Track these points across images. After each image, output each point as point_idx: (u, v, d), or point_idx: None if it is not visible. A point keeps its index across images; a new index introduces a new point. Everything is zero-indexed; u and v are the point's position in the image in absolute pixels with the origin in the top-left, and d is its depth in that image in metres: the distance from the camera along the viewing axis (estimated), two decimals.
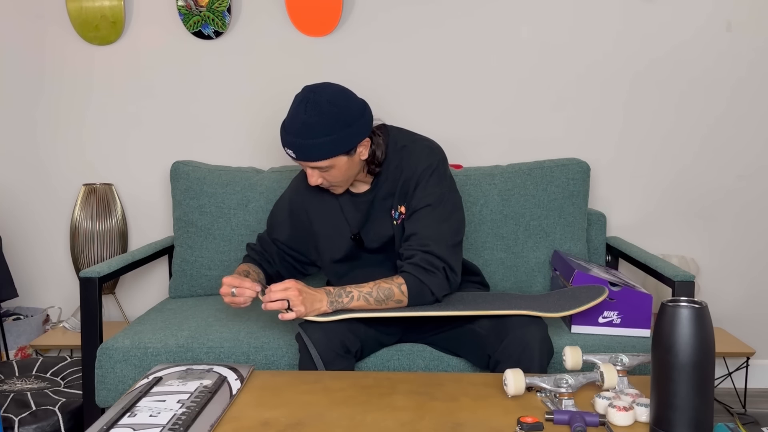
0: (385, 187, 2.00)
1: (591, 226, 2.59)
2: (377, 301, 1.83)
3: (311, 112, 1.84)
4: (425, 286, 1.86)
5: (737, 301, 2.82)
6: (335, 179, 1.93)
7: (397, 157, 1.99)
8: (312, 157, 1.86)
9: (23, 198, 2.86)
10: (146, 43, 2.78)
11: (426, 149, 1.99)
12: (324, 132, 1.83)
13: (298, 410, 1.45)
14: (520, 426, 1.33)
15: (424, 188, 1.94)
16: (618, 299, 2.08)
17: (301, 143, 1.84)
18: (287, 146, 1.88)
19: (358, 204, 2.03)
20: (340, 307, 1.83)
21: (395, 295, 1.84)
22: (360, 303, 1.83)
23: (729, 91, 2.75)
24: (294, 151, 1.87)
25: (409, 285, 1.85)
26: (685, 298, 1.28)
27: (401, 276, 1.87)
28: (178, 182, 2.55)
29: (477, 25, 2.75)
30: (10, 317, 2.76)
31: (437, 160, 1.97)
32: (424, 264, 1.86)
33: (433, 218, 1.91)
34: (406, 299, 1.86)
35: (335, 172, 1.90)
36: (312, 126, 1.83)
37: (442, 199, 1.94)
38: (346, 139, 1.86)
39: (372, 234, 2.02)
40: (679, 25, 2.72)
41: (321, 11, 2.69)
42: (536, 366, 1.75)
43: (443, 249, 1.89)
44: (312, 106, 1.84)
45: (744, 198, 2.78)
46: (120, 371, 2.03)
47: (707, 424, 1.25)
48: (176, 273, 2.53)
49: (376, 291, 1.84)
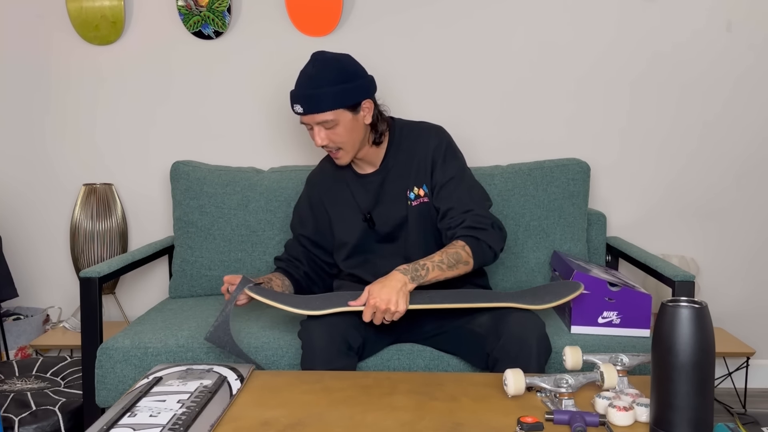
0: (396, 170, 2.07)
1: (591, 226, 2.59)
2: (449, 267, 1.88)
3: (318, 66, 1.97)
4: (483, 242, 1.93)
5: (737, 301, 2.82)
6: (340, 138, 1.99)
7: (405, 140, 2.09)
8: (318, 107, 1.94)
9: (23, 198, 2.86)
10: (146, 43, 2.78)
11: (433, 130, 2.11)
12: (329, 82, 1.94)
13: (298, 410, 1.45)
14: (520, 426, 1.33)
15: (443, 164, 2.04)
16: (618, 299, 2.08)
17: (308, 94, 1.94)
18: (295, 102, 1.97)
19: (366, 185, 2.09)
20: (421, 281, 1.85)
21: (462, 257, 1.90)
22: (436, 273, 1.87)
23: (729, 90, 2.75)
24: (301, 105, 1.95)
25: (471, 245, 1.92)
26: (685, 298, 1.28)
27: (461, 240, 1.93)
28: (178, 182, 2.55)
29: (477, 26, 2.75)
30: (10, 317, 2.76)
31: (447, 139, 2.09)
32: (474, 224, 1.95)
33: (462, 188, 2.02)
34: (472, 259, 1.92)
35: (340, 130, 1.97)
36: (317, 77, 1.96)
37: (462, 170, 2.06)
38: (350, 92, 1.96)
39: (384, 216, 2.07)
40: (679, 25, 2.72)
41: (321, 11, 2.69)
42: (534, 364, 1.76)
43: (483, 209, 2.00)
44: (319, 62, 1.99)
45: (744, 198, 2.78)
46: (120, 371, 2.03)
47: (707, 424, 1.25)
48: (176, 273, 2.53)
49: (446, 257, 1.89)
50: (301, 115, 1.98)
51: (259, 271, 2.49)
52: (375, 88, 2.07)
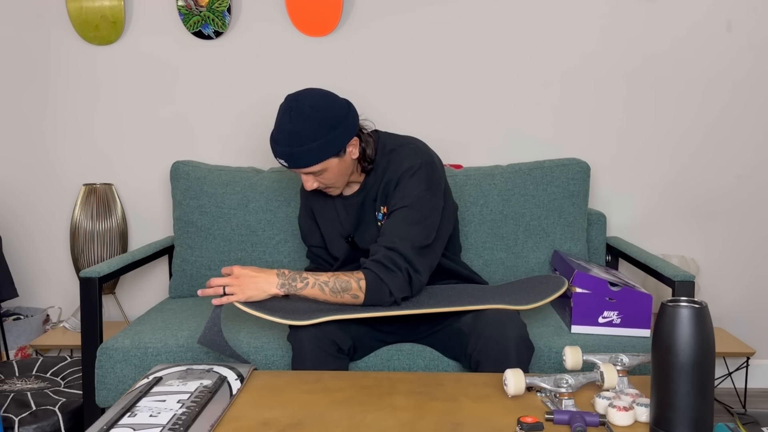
0: (373, 190, 2.01)
1: (591, 226, 2.59)
2: (333, 291, 1.80)
3: (296, 120, 1.85)
4: (384, 285, 1.82)
5: (737, 301, 2.82)
6: (330, 181, 1.94)
7: (385, 159, 1.99)
8: (303, 163, 1.88)
9: (23, 198, 2.86)
10: (146, 43, 2.78)
11: (411, 152, 1.97)
12: (311, 137, 1.85)
13: (298, 410, 1.45)
14: (520, 426, 1.33)
15: (402, 189, 1.93)
16: (618, 299, 2.08)
17: (291, 152, 1.86)
18: (278, 156, 1.90)
19: (348, 206, 2.05)
20: (293, 292, 1.80)
21: (352, 288, 1.81)
22: (314, 291, 1.80)
23: (729, 90, 2.75)
24: (285, 160, 1.89)
25: (368, 281, 1.81)
26: (685, 298, 1.28)
27: (362, 271, 1.84)
28: (178, 182, 2.55)
29: (477, 26, 2.75)
30: (10, 317, 2.76)
31: (420, 163, 1.94)
32: (386, 261, 1.83)
33: (404, 219, 1.89)
34: (363, 295, 1.81)
35: (329, 174, 1.92)
36: (298, 133, 1.85)
37: (419, 201, 1.91)
38: (333, 142, 1.87)
39: (365, 236, 2.03)
40: (679, 24, 2.72)
41: (321, 11, 2.69)
42: (515, 364, 1.74)
43: (408, 249, 1.85)
44: (296, 114, 1.86)
45: (744, 198, 2.78)
46: (120, 371, 2.03)
47: (707, 424, 1.25)
48: (176, 273, 2.53)
49: (333, 281, 1.81)
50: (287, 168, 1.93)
51: None
52: (357, 122, 1.94)
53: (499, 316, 1.82)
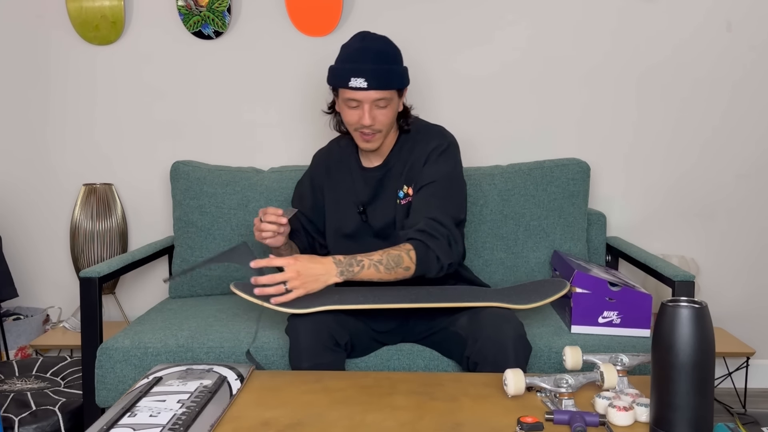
0: (396, 167, 2.05)
1: (591, 226, 2.59)
2: (387, 268, 1.81)
3: (380, 42, 1.94)
4: (431, 251, 1.84)
5: (737, 301, 2.82)
6: (386, 120, 1.96)
7: (412, 138, 2.06)
8: (387, 83, 1.90)
9: (23, 198, 2.86)
10: (146, 43, 2.78)
11: (438, 133, 2.06)
12: (395, 60, 1.94)
13: (298, 410, 1.45)
14: (520, 426, 1.33)
15: (431, 166, 1.98)
16: (618, 299, 2.08)
17: (378, 69, 1.89)
18: (356, 75, 1.87)
19: (368, 178, 2.08)
20: (350, 277, 1.80)
21: (404, 261, 1.82)
22: (370, 272, 1.80)
23: (729, 91, 2.75)
24: (366, 79, 1.87)
25: (417, 251, 1.83)
26: (685, 298, 1.28)
27: (409, 242, 1.85)
28: (178, 182, 2.55)
29: (477, 26, 2.75)
30: (10, 317, 2.76)
31: (447, 142, 2.02)
32: (429, 230, 1.86)
33: (436, 194, 1.94)
34: (414, 266, 1.83)
35: (388, 111, 1.95)
36: (386, 53, 1.92)
37: (449, 177, 1.98)
38: (406, 74, 1.97)
39: (378, 211, 2.05)
40: (680, 25, 2.72)
41: (321, 11, 2.69)
42: (513, 364, 1.73)
43: (447, 219, 1.90)
44: (379, 38, 1.95)
45: (744, 198, 2.78)
46: (120, 371, 2.03)
47: (707, 424, 1.25)
48: (176, 273, 2.53)
49: (386, 258, 1.81)
50: (358, 90, 1.88)
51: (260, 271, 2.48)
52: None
53: (496, 317, 1.82)
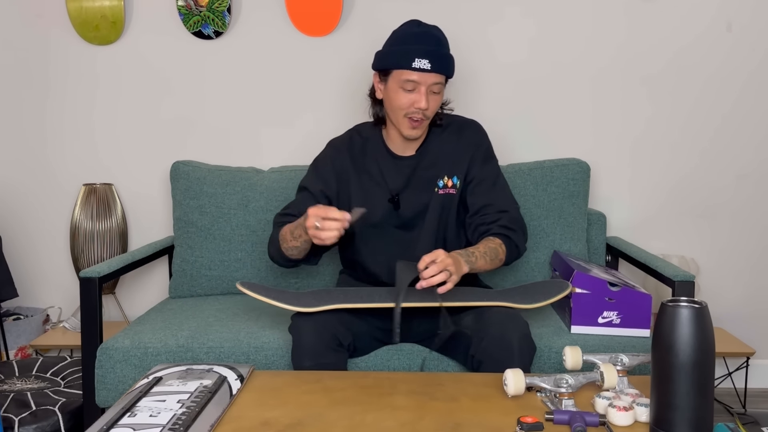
0: (430, 157, 2.08)
1: (591, 226, 2.59)
2: (491, 260, 1.94)
3: (437, 29, 2.01)
4: (513, 242, 2.02)
5: (737, 301, 2.82)
6: (436, 106, 2.01)
7: (446, 129, 2.10)
8: (447, 68, 1.98)
9: (23, 198, 2.86)
10: (146, 43, 2.78)
11: (478, 128, 2.16)
12: (448, 47, 2.01)
13: (298, 410, 1.45)
14: (520, 426, 1.33)
15: (484, 163, 2.10)
16: (618, 299, 2.08)
17: (440, 52, 1.97)
18: (422, 56, 1.93)
19: (401, 167, 2.09)
20: (471, 267, 1.88)
21: (499, 254, 1.97)
22: (482, 262, 1.92)
23: (729, 91, 2.74)
24: (431, 61, 1.94)
25: (505, 244, 1.99)
26: (685, 298, 1.28)
27: (497, 238, 1.99)
28: (178, 182, 2.55)
29: (477, 25, 2.75)
30: (10, 317, 2.76)
31: (487, 138, 2.16)
32: (510, 225, 2.03)
33: (501, 189, 2.10)
34: (504, 257, 2.00)
35: (439, 98, 2.01)
36: (442, 41, 1.99)
37: (499, 173, 2.14)
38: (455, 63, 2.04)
39: (410, 200, 2.06)
40: (680, 26, 2.72)
41: (321, 11, 2.69)
42: (517, 364, 1.74)
43: (516, 211, 2.09)
44: (433, 25, 2.01)
45: (744, 198, 2.78)
46: (120, 371, 2.03)
47: (707, 424, 1.25)
48: (176, 273, 2.53)
49: (490, 251, 1.94)
50: (421, 72, 1.93)
51: (259, 271, 2.49)
52: None
53: (502, 317, 1.83)
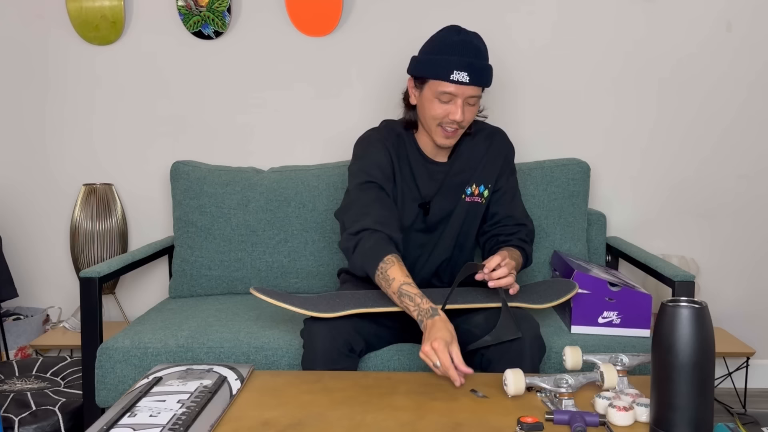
0: (459, 163, 2.08)
1: (591, 226, 2.59)
2: (517, 266, 1.98)
3: (477, 38, 1.95)
4: (527, 254, 2.08)
5: (737, 301, 2.82)
6: (471, 118, 2.00)
7: (477, 136, 2.10)
8: (486, 80, 1.95)
9: (23, 198, 2.86)
10: (146, 43, 2.78)
11: (505, 137, 2.16)
12: (488, 57, 1.97)
13: (298, 410, 1.45)
14: (520, 426, 1.33)
15: (512, 174, 2.15)
16: (618, 299, 2.08)
17: (480, 64, 1.92)
18: (461, 69, 1.89)
19: (434, 173, 2.08)
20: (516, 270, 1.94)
21: (520, 263, 2.04)
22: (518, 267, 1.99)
23: (730, 91, 2.74)
24: (469, 74, 1.90)
25: (522, 257, 2.05)
26: (685, 298, 1.28)
27: (516, 249, 2.04)
28: (178, 182, 2.55)
29: (478, 25, 2.74)
30: (10, 317, 2.76)
31: (514, 149, 2.18)
32: (527, 238, 2.10)
33: (519, 202, 2.16)
34: (521, 266, 2.06)
35: (474, 109, 2.00)
36: (483, 51, 1.95)
37: (517, 185, 2.18)
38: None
39: (439, 206, 2.07)
40: (681, 26, 2.72)
41: (321, 11, 2.69)
42: (528, 364, 1.75)
43: (532, 226, 2.15)
44: (474, 33, 1.96)
45: (744, 198, 2.78)
46: (120, 371, 2.03)
47: (707, 424, 1.25)
48: (176, 273, 2.53)
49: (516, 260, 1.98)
50: (459, 84, 1.89)
51: (259, 271, 2.49)
52: None
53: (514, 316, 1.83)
